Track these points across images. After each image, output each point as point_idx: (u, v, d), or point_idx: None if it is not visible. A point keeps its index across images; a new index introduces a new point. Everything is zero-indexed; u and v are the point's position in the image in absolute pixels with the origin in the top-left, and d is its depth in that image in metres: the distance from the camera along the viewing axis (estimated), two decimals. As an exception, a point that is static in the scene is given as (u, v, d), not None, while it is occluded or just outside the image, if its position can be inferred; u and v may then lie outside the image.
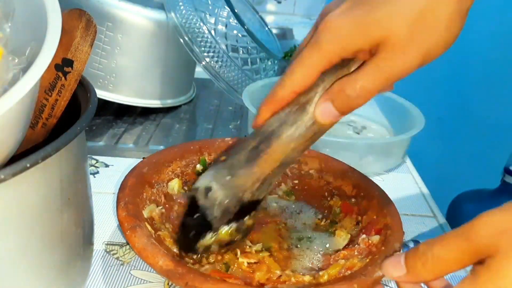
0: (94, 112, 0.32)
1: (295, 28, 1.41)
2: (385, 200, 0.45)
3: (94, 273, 0.42)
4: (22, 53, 0.27)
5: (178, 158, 0.49)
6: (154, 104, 0.72)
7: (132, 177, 0.44)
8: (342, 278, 0.37)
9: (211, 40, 0.67)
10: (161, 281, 0.42)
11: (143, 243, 0.36)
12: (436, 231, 0.52)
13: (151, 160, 0.47)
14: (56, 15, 0.27)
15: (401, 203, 0.55)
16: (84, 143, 0.34)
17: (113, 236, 0.47)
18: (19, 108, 0.25)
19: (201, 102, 0.81)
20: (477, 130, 1.46)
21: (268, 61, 0.74)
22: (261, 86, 0.69)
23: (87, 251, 0.36)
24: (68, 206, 0.30)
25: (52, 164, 0.28)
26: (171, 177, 0.48)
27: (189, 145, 0.51)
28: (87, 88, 0.35)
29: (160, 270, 0.34)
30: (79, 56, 0.34)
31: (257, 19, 0.84)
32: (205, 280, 0.33)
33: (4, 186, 0.24)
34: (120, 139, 0.66)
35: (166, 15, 0.67)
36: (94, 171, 0.58)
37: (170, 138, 0.68)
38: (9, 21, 0.28)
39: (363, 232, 0.43)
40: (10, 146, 0.27)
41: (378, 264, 0.36)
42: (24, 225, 0.27)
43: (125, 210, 0.39)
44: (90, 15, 0.35)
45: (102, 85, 0.66)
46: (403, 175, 0.63)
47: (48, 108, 0.34)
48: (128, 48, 0.66)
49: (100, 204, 0.51)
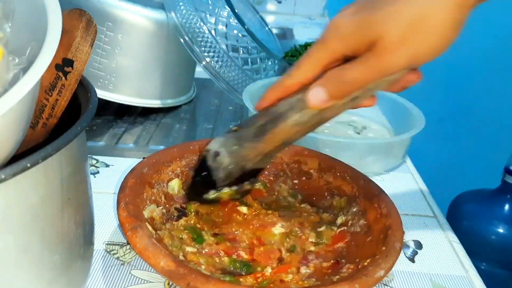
0: (94, 112, 0.32)
1: (295, 28, 1.41)
2: (385, 200, 0.45)
3: (94, 273, 0.42)
4: (23, 53, 0.27)
5: (178, 158, 0.49)
6: (154, 104, 0.72)
7: (132, 177, 0.44)
8: (344, 278, 0.37)
9: (211, 40, 0.67)
10: (162, 281, 0.42)
11: (144, 243, 0.36)
12: (436, 231, 0.52)
13: (151, 160, 0.47)
14: (56, 15, 0.27)
15: (401, 203, 0.55)
16: (84, 143, 0.34)
17: (114, 236, 0.47)
18: (19, 108, 0.25)
19: (201, 102, 0.81)
20: (477, 130, 1.46)
21: (268, 61, 0.74)
22: (262, 86, 0.69)
23: (87, 251, 0.36)
24: (69, 206, 0.30)
25: (53, 164, 0.28)
26: (171, 177, 0.48)
27: (189, 144, 0.51)
28: (87, 88, 0.35)
29: (162, 270, 0.34)
30: (79, 56, 0.34)
31: (258, 19, 0.84)
32: (206, 280, 0.33)
33: (5, 186, 0.24)
34: (121, 139, 0.66)
35: (166, 15, 0.67)
36: (94, 171, 0.58)
37: (171, 138, 0.68)
38: (10, 21, 0.28)
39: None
40: (10, 146, 0.27)
41: (379, 264, 0.36)
42: (24, 225, 0.27)
43: (126, 211, 0.39)
44: (90, 15, 0.35)
45: (102, 85, 0.66)
46: (403, 175, 0.63)
47: (49, 108, 0.34)
48: (128, 48, 0.66)
49: (100, 204, 0.51)
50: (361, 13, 0.33)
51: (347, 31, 0.34)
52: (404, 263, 0.46)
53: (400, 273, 0.45)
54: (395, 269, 0.45)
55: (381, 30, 0.32)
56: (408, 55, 0.32)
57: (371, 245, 0.41)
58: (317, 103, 0.36)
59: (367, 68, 0.33)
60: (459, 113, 1.46)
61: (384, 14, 0.32)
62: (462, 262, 0.47)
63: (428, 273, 0.45)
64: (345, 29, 0.34)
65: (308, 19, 1.56)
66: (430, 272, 0.46)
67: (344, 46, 0.34)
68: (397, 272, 0.45)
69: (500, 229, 1.02)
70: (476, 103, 1.44)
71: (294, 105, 0.38)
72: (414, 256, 0.48)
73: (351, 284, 0.34)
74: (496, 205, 1.04)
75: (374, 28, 0.32)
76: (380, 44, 0.32)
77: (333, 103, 0.36)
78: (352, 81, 0.34)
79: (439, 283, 0.44)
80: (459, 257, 0.48)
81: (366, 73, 0.34)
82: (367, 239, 0.42)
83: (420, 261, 0.47)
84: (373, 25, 0.32)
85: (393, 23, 0.31)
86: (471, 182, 1.16)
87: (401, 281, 0.44)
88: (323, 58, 0.36)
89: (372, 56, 0.33)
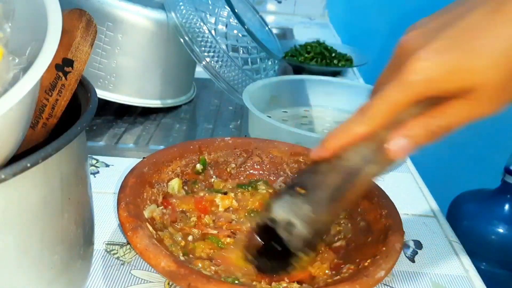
0: (94, 112, 0.32)
1: (296, 28, 1.41)
2: (385, 200, 0.45)
3: (95, 273, 0.42)
4: (23, 53, 0.27)
5: (178, 158, 0.49)
6: (154, 104, 0.72)
7: (132, 177, 0.44)
8: (344, 279, 0.37)
9: (211, 40, 0.67)
10: (162, 281, 0.42)
11: (145, 244, 0.36)
12: (437, 231, 0.52)
13: (151, 160, 0.47)
14: (56, 15, 0.27)
15: (401, 203, 0.55)
16: (84, 143, 0.34)
17: (114, 236, 0.47)
18: (19, 108, 0.25)
19: (201, 102, 0.81)
20: (477, 130, 1.46)
21: (268, 61, 0.74)
22: (262, 86, 0.69)
23: (87, 251, 0.35)
24: (69, 206, 0.30)
25: (53, 164, 0.28)
26: (171, 176, 0.48)
27: (189, 144, 0.51)
28: (87, 88, 0.35)
29: (163, 271, 0.34)
30: (79, 56, 0.34)
31: (258, 19, 0.84)
32: (207, 281, 0.33)
33: (5, 186, 0.24)
34: (121, 139, 0.66)
35: (167, 15, 0.67)
36: (94, 171, 0.58)
37: (171, 138, 0.68)
38: (9, 21, 0.28)
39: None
40: (10, 146, 0.27)
41: (380, 264, 0.36)
42: (24, 225, 0.27)
43: (126, 211, 0.39)
44: (90, 15, 0.35)
45: (102, 85, 0.66)
46: (403, 175, 0.63)
47: (49, 108, 0.34)
48: (128, 48, 0.66)
49: (100, 204, 0.51)
50: (451, 53, 0.29)
51: (435, 74, 0.30)
52: (404, 263, 0.46)
53: (400, 273, 0.45)
54: (395, 269, 0.45)
55: (479, 78, 0.29)
56: (505, 102, 0.30)
57: (371, 245, 0.41)
58: (402, 155, 0.32)
59: (460, 118, 0.31)
60: (459, 113, 1.46)
61: (482, 60, 0.28)
62: (462, 262, 0.47)
63: (428, 273, 0.45)
64: (434, 72, 0.30)
65: (308, 19, 1.56)
66: (430, 272, 0.46)
67: (430, 90, 0.30)
68: (397, 272, 0.45)
69: (500, 229, 1.02)
70: (476, 103, 1.43)
71: (369, 157, 0.34)
72: (414, 256, 0.48)
73: (351, 284, 0.34)
74: (496, 205, 1.04)
75: (470, 75, 0.29)
76: (478, 92, 0.29)
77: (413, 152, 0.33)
78: (441, 131, 0.31)
79: (439, 283, 0.44)
80: (459, 257, 0.48)
81: (459, 122, 0.31)
82: (367, 239, 0.42)
83: (420, 261, 0.47)
84: (469, 72, 0.29)
85: (493, 72, 0.28)
86: (471, 182, 1.16)
87: (401, 281, 0.44)
88: (402, 101, 0.31)
89: (468, 104, 0.30)
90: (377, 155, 0.33)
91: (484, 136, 1.45)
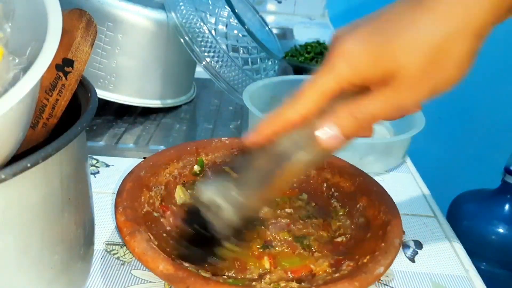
0: (94, 112, 0.32)
1: (296, 28, 1.41)
2: (384, 196, 0.45)
3: (95, 273, 0.42)
4: (23, 53, 0.27)
5: (175, 160, 0.49)
6: (155, 104, 0.72)
7: (129, 181, 0.44)
8: (343, 276, 0.37)
9: (211, 40, 0.67)
10: (162, 281, 0.42)
11: (143, 247, 0.36)
12: (437, 231, 0.52)
13: (148, 163, 0.47)
14: (56, 15, 0.27)
15: (401, 203, 0.55)
16: (84, 143, 0.34)
17: (114, 236, 0.47)
18: (19, 108, 0.25)
19: (201, 102, 0.81)
20: (477, 130, 1.46)
21: (268, 61, 0.74)
22: (262, 86, 0.69)
23: (87, 251, 0.36)
24: (69, 206, 0.30)
25: (53, 164, 0.28)
26: (169, 179, 0.48)
27: (186, 146, 0.51)
28: (87, 88, 0.35)
29: (161, 274, 0.34)
30: (79, 56, 0.34)
31: (258, 19, 0.84)
32: (206, 283, 0.33)
33: (5, 186, 0.24)
34: (121, 139, 0.66)
35: (167, 15, 0.67)
36: (94, 171, 0.58)
37: (171, 138, 0.68)
38: (10, 21, 0.28)
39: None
40: (10, 146, 0.27)
41: (379, 261, 0.36)
42: (24, 225, 0.27)
43: (124, 215, 0.39)
44: (90, 15, 0.35)
45: (102, 85, 0.66)
46: (403, 175, 0.63)
47: (49, 108, 0.34)
48: (128, 48, 0.66)
49: (100, 204, 0.51)
50: (375, 39, 0.30)
51: (359, 60, 0.31)
52: (404, 263, 0.46)
53: (400, 273, 0.45)
54: (395, 269, 0.45)
55: (400, 62, 0.29)
56: (428, 89, 0.30)
57: (370, 241, 0.41)
58: (331, 143, 0.32)
59: (385, 104, 0.31)
60: (459, 113, 1.46)
61: (402, 43, 0.29)
62: (462, 262, 0.47)
63: (428, 273, 0.45)
64: (358, 57, 0.31)
65: (308, 19, 1.56)
66: (430, 272, 0.46)
67: (356, 75, 0.31)
68: (397, 272, 0.45)
69: (500, 229, 1.02)
70: (476, 103, 1.44)
71: (301, 144, 0.34)
72: (414, 256, 0.48)
73: (350, 282, 0.34)
74: (496, 205, 1.04)
75: (392, 59, 0.30)
76: (399, 78, 0.30)
77: (347, 142, 0.33)
78: (368, 118, 0.32)
79: (439, 283, 0.44)
80: (459, 257, 0.48)
81: (384, 109, 0.31)
82: (367, 235, 0.42)
83: (420, 261, 0.47)
84: (391, 56, 0.30)
85: (413, 55, 0.29)
86: (471, 182, 1.16)
87: (401, 281, 0.44)
88: (330, 87, 0.32)
89: (390, 91, 0.30)
90: (308, 142, 0.33)
91: (484, 136, 1.45)
